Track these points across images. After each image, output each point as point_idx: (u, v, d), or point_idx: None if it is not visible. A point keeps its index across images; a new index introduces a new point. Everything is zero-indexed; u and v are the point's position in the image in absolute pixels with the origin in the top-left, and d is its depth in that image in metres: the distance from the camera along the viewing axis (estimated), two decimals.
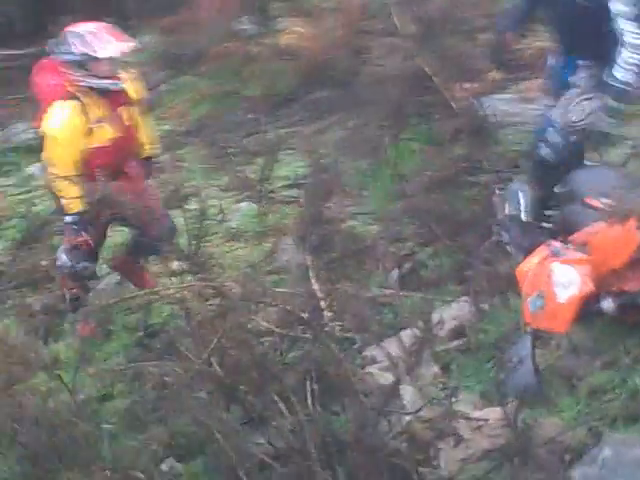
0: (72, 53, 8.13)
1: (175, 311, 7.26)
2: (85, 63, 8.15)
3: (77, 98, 8.24)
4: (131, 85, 8.56)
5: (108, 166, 8.19)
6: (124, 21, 12.57)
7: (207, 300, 6.70)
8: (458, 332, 7.61)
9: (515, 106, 9.47)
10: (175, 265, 7.28)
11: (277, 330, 6.67)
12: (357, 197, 9.06)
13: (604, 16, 7.57)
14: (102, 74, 8.19)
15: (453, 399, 6.75)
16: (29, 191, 10.83)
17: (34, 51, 12.32)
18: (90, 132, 8.26)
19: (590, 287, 6.88)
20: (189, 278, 7.01)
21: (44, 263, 8.69)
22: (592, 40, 7.69)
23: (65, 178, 8.18)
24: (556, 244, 7.21)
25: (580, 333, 7.15)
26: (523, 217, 7.72)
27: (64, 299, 8.28)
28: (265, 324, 6.66)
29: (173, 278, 7.44)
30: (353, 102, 9.83)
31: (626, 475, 6.03)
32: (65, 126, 8.22)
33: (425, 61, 8.83)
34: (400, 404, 6.60)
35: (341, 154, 9.47)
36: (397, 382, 6.40)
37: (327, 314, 6.72)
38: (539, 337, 7.08)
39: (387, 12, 9.92)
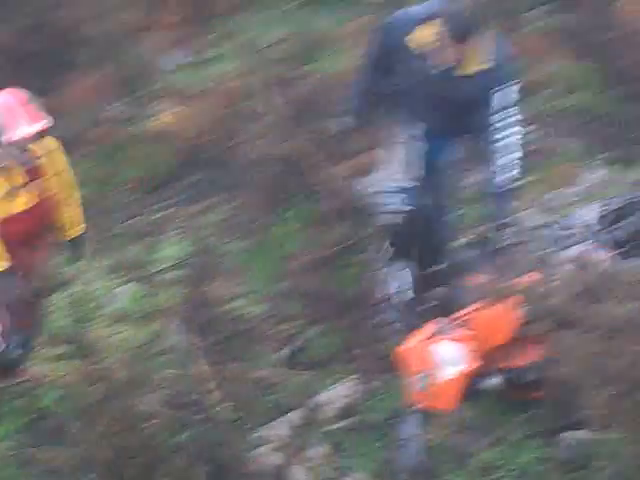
0: None
1: (63, 394, 7.14)
2: None
3: None
4: (50, 156, 8.25)
5: (25, 234, 8.05)
6: None
7: (92, 384, 6.60)
8: (348, 411, 7.57)
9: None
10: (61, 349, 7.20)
11: (166, 412, 6.62)
12: (242, 277, 9.06)
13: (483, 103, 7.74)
14: (14, 150, 8.02)
15: (344, 479, 6.77)
16: None
17: None
18: (7, 199, 8.05)
19: (476, 364, 6.93)
20: (75, 362, 6.97)
21: None
22: (466, 121, 7.80)
23: None
24: (441, 322, 7.23)
25: (468, 410, 7.18)
26: (407, 295, 7.70)
27: None
28: (153, 407, 6.60)
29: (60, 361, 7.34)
30: (232, 183, 9.84)
31: None
32: None
33: (302, 142, 8.82)
34: None
35: (223, 234, 9.48)
36: (285, 463, 6.39)
37: (216, 395, 6.65)
38: (427, 415, 7.08)
39: (264, 94, 9.92)
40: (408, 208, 7.75)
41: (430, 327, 7.20)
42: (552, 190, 9.51)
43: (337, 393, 7.71)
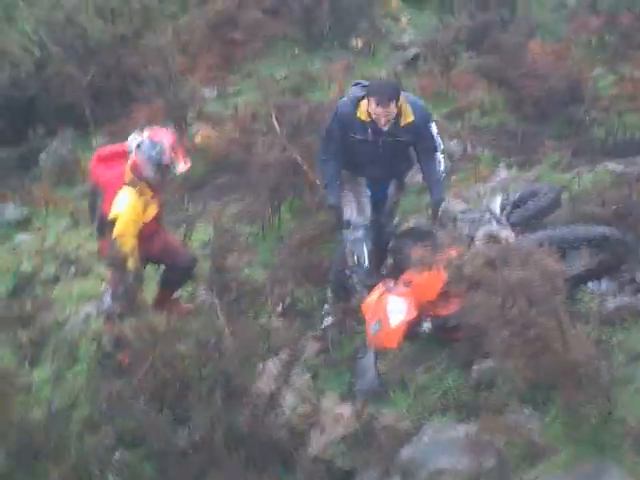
0: (157, 159, 7.81)
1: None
2: (160, 167, 7.83)
3: (135, 185, 7.87)
4: None
5: (153, 230, 8.05)
6: (85, 127, 12.53)
7: (141, 334, 6.58)
8: (324, 350, 7.58)
9: None
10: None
11: (193, 352, 6.61)
12: (250, 253, 9.02)
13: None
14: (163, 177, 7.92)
15: (319, 399, 6.77)
16: (17, 256, 10.58)
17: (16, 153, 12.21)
18: (145, 209, 7.94)
19: (414, 314, 6.97)
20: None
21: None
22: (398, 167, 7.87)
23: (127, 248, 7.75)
24: (390, 282, 7.25)
25: (408, 347, 7.19)
26: (366, 264, 7.64)
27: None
28: (185, 349, 6.60)
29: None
30: (246, 184, 9.81)
31: (442, 451, 6.07)
32: (132, 207, 7.83)
33: (295, 152, 8.78)
34: (283, 404, 6.59)
35: (238, 222, 9.45)
36: (278, 389, 6.38)
37: (229, 340, 6.63)
38: (380, 351, 7.10)
39: (269, 117, 9.86)
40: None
41: (381, 286, 7.22)
42: (473, 185, 9.47)
43: (317, 335, 7.74)
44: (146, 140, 7.83)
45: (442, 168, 7.82)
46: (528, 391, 6.25)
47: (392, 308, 7.01)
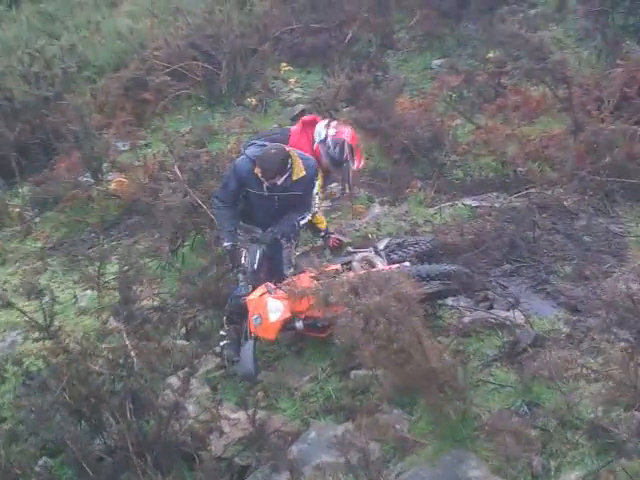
0: (335, 156, 8.05)
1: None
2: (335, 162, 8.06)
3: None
4: None
5: None
6: (11, 177, 12.38)
7: (58, 355, 6.55)
8: (221, 366, 7.61)
9: None
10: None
11: (106, 371, 6.60)
12: (157, 283, 9.01)
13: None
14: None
15: (219, 407, 6.80)
16: None
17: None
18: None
19: (288, 315, 7.13)
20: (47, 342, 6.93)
21: None
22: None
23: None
24: (271, 285, 7.36)
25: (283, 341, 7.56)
26: (255, 266, 7.65)
27: None
28: (97, 368, 6.58)
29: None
30: (153, 224, 9.80)
31: (324, 449, 6.15)
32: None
33: (196, 196, 8.80)
34: (185, 413, 6.60)
35: (146, 256, 9.43)
36: (180, 400, 6.39)
37: (137, 360, 6.64)
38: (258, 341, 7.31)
39: (172, 166, 9.87)
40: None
41: (264, 288, 7.33)
42: (350, 221, 9.59)
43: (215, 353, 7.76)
44: (329, 138, 8.07)
45: (301, 222, 7.82)
46: (397, 395, 6.40)
47: (271, 307, 7.14)
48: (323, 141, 8.12)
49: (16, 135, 12.48)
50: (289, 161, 7.50)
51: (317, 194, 7.85)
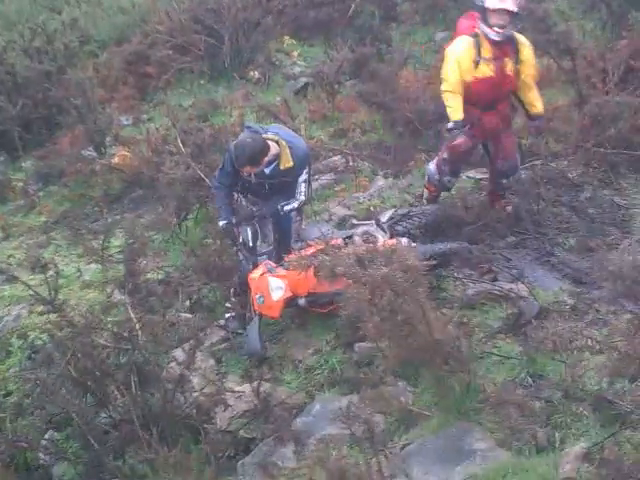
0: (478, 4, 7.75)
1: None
2: (484, 13, 7.70)
3: (476, 37, 7.81)
4: (522, 47, 7.98)
5: (482, 97, 7.94)
6: (15, 152, 12.37)
7: (62, 328, 6.54)
8: (226, 338, 7.60)
9: None
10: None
11: (110, 344, 6.60)
12: (162, 257, 9.00)
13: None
14: (491, 24, 7.72)
15: (223, 380, 6.80)
16: None
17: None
18: (476, 65, 7.83)
19: (290, 293, 7.15)
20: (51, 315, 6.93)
21: None
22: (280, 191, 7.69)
23: (451, 92, 7.85)
24: (271, 264, 7.35)
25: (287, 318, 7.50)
26: (250, 244, 7.66)
27: None
28: (102, 341, 6.57)
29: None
30: (157, 197, 9.78)
31: (329, 420, 6.12)
32: (459, 51, 7.84)
33: (199, 169, 8.78)
34: (190, 386, 6.59)
35: (150, 230, 9.41)
36: (185, 373, 6.38)
37: (141, 333, 6.63)
38: (263, 319, 7.29)
39: (174, 139, 9.87)
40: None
41: (264, 266, 7.31)
42: (354, 193, 9.55)
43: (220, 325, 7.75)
44: None
45: (285, 208, 7.68)
46: (401, 367, 6.37)
47: (273, 286, 7.14)
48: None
49: (19, 110, 12.47)
50: (266, 153, 7.40)
51: (305, 182, 7.76)
